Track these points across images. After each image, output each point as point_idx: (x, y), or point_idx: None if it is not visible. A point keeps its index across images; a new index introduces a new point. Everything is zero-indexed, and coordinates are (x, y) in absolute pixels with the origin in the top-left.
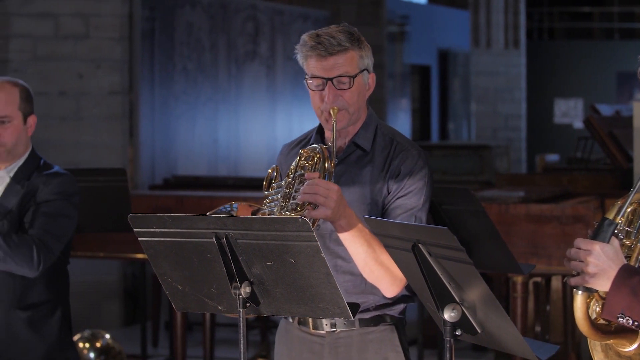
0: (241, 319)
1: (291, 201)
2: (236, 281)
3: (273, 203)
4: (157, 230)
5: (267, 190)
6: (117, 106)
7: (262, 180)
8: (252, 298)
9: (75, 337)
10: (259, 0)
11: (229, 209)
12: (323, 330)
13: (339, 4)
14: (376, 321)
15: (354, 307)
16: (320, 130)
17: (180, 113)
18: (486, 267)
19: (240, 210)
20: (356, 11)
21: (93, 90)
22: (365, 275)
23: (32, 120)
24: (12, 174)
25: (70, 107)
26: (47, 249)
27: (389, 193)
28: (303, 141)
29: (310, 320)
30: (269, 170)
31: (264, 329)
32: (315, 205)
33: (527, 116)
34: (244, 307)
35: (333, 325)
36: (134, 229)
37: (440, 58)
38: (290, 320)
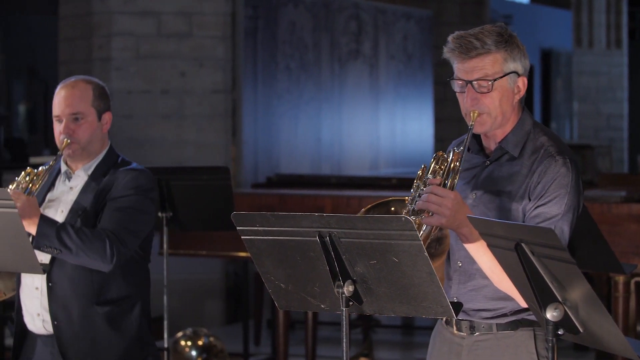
0: (344, 317)
1: (412, 206)
2: (339, 280)
3: (408, 204)
4: (260, 228)
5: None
6: (220, 105)
7: (364, 179)
8: (355, 297)
9: (178, 335)
10: None
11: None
12: (464, 332)
13: (442, 3)
14: (514, 326)
15: (457, 306)
16: None
17: (283, 112)
18: (588, 267)
19: None
20: (459, 10)
21: (196, 88)
22: (494, 283)
23: (107, 117)
24: (89, 172)
25: (173, 105)
26: (121, 243)
27: (530, 200)
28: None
29: (454, 321)
30: (419, 171)
31: (366, 327)
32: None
33: (630, 116)
34: (347, 305)
35: (472, 329)
36: (237, 228)
37: (542, 58)
38: (441, 321)
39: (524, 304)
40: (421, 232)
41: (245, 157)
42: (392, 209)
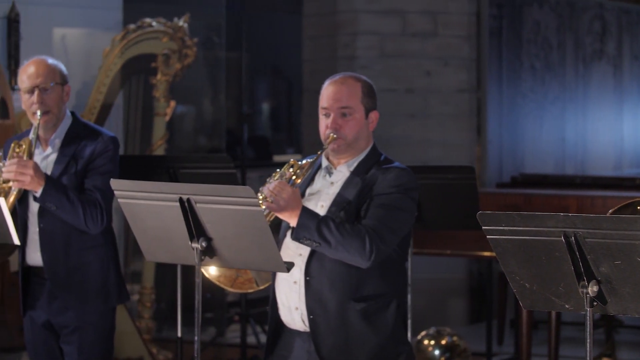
0: (588, 317)
1: None
2: (584, 280)
3: None
4: (506, 228)
5: None
6: (465, 104)
7: (609, 179)
8: (600, 297)
9: (421, 334)
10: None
11: None
12: None
13: None
14: None
15: None
16: None
17: (527, 111)
18: None
19: None
20: None
21: (441, 87)
22: None
23: (374, 115)
24: (352, 169)
25: (418, 104)
26: (381, 240)
27: None
28: None
29: None
30: None
31: (608, 327)
32: None
33: None
34: (592, 306)
35: None
36: (483, 227)
37: None
38: None
39: None
40: None
41: (490, 156)
42: (639, 207)
